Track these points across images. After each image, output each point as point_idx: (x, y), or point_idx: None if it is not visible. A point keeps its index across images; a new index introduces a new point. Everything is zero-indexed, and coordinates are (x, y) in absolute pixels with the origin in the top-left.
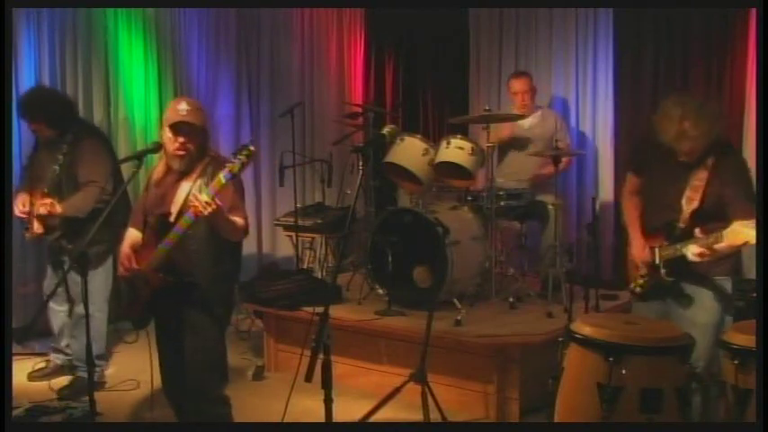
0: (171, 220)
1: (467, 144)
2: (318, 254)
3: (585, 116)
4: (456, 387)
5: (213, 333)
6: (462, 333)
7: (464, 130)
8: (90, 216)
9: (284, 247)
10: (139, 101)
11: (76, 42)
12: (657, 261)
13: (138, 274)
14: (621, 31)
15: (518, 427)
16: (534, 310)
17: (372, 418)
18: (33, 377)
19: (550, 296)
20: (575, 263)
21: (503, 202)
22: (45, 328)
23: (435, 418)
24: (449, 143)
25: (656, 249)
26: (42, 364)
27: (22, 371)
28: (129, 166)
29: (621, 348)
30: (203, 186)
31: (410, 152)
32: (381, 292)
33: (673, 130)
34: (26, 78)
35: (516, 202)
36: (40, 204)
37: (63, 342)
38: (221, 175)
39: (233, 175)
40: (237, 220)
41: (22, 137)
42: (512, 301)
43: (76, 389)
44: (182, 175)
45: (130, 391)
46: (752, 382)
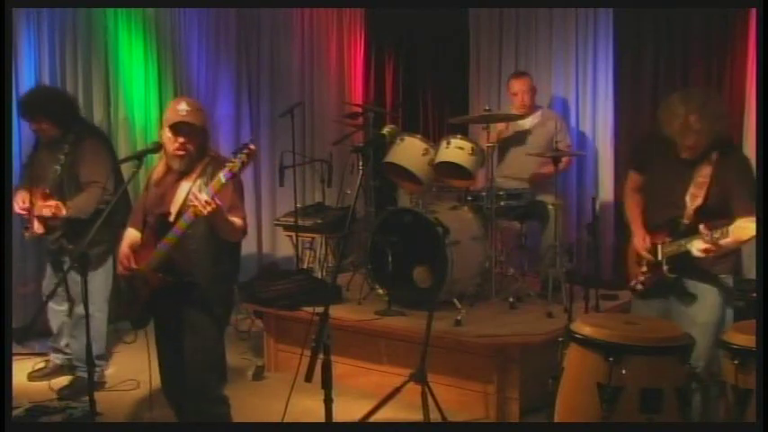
0: (170, 219)
1: (467, 144)
2: (318, 254)
3: (585, 116)
4: (456, 387)
5: (212, 333)
6: (462, 333)
7: (464, 130)
8: (91, 216)
9: (284, 247)
10: (139, 101)
11: (76, 42)
12: (660, 257)
13: (137, 273)
14: (621, 31)
15: (518, 427)
16: (534, 310)
17: (372, 418)
18: (33, 377)
19: (550, 296)
20: (575, 263)
21: (503, 202)
22: (45, 328)
23: (435, 418)
24: (449, 143)
25: (658, 246)
26: (42, 364)
27: (22, 371)
28: (129, 166)
29: (621, 348)
30: (203, 186)
31: (410, 152)
32: (381, 292)
33: (677, 124)
34: (26, 78)
35: (516, 202)
36: (43, 206)
37: (62, 342)
38: (221, 175)
39: (233, 175)
40: (236, 221)
41: (21, 136)
42: (512, 301)
43: (76, 389)
44: (181, 175)
45: (130, 391)
46: (752, 382)
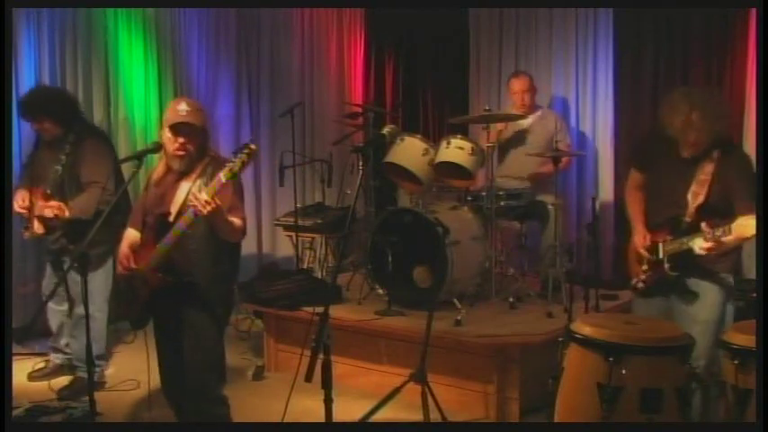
0: (170, 219)
1: (467, 144)
2: (318, 254)
3: (585, 116)
4: (456, 387)
5: (212, 333)
6: (462, 333)
7: (464, 130)
8: (92, 216)
9: (284, 247)
10: (139, 101)
11: (76, 42)
12: (661, 256)
13: (137, 273)
14: (621, 31)
15: (518, 427)
16: (534, 310)
17: (372, 418)
18: (33, 377)
19: (550, 296)
20: (575, 263)
21: (503, 202)
22: (45, 328)
23: (435, 418)
24: (449, 143)
25: (659, 244)
26: (42, 365)
27: (22, 371)
28: (129, 166)
29: (621, 348)
30: (203, 186)
31: (410, 152)
32: (381, 292)
33: (679, 122)
34: (26, 78)
35: (516, 202)
36: (45, 206)
37: (62, 341)
38: (222, 174)
39: (233, 174)
40: (236, 221)
41: (21, 136)
42: (512, 301)
43: (76, 389)
44: (181, 176)
45: (130, 391)
46: (752, 382)
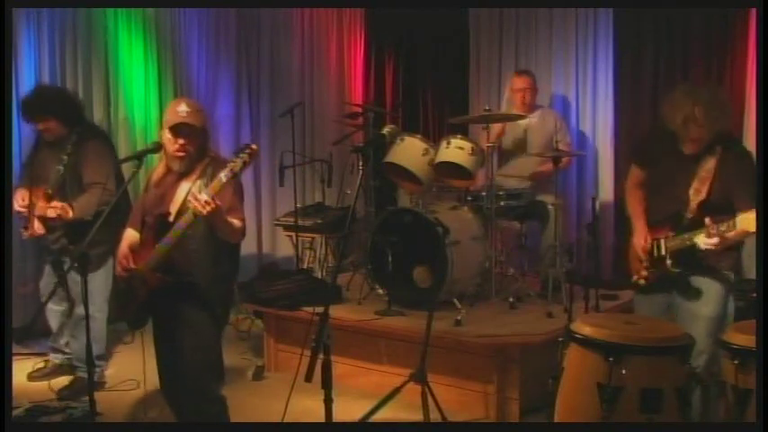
0: (170, 220)
1: (467, 144)
2: (318, 254)
3: (585, 116)
4: (456, 387)
5: (210, 333)
6: (462, 333)
7: (464, 130)
8: (92, 217)
9: (284, 247)
10: (139, 101)
11: (76, 42)
12: (663, 252)
13: (136, 273)
14: (621, 31)
15: (518, 427)
16: (534, 310)
17: (372, 418)
18: (33, 377)
19: (550, 296)
20: (575, 263)
21: (503, 202)
22: (45, 328)
23: (435, 418)
24: (449, 143)
25: (661, 240)
26: (41, 365)
27: (22, 371)
28: (129, 166)
29: (621, 348)
30: (203, 187)
31: (410, 152)
32: (381, 292)
33: (682, 117)
34: (26, 78)
35: (516, 202)
36: (47, 206)
37: (61, 341)
38: (222, 174)
39: (234, 174)
40: (235, 222)
41: (21, 136)
42: (512, 301)
43: (76, 389)
44: (181, 176)
45: (130, 390)
46: (752, 382)
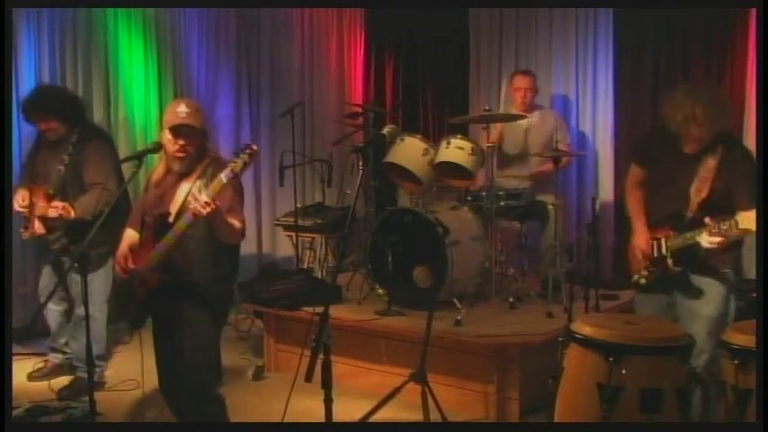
0: (170, 220)
1: (467, 144)
2: (318, 254)
3: (585, 116)
4: (456, 387)
5: (209, 332)
6: (462, 333)
7: (464, 130)
8: (93, 217)
9: (284, 247)
10: (139, 101)
11: (76, 42)
12: (664, 251)
13: (135, 273)
14: (621, 31)
15: (518, 427)
16: (534, 310)
17: (372, 418)
18: (33, 377)
19: (550, 296)
20: (575, 263)
21: (503, 202)
22: (45, 328)
23: (435, 418)
24: (449, 143)
25: (662, 240)
26: (41, 365)
27: (22, 371)
28: (129, 166)
29: (621, 348)
30: (202, 187)
31: (410, 152)
32: (381, 292)
33: (683, 117)
34: (26, 78)
35: (516, 202)
36: (48, 206)
37: (61, 341)
38: (223, 175)
39: (234, 174)
40: (235, 223)
41: (21, 136)
42: (512, 301)
43: (76, 389)
44: (181, 176)
45: (130, 391)
46: (752, 382)
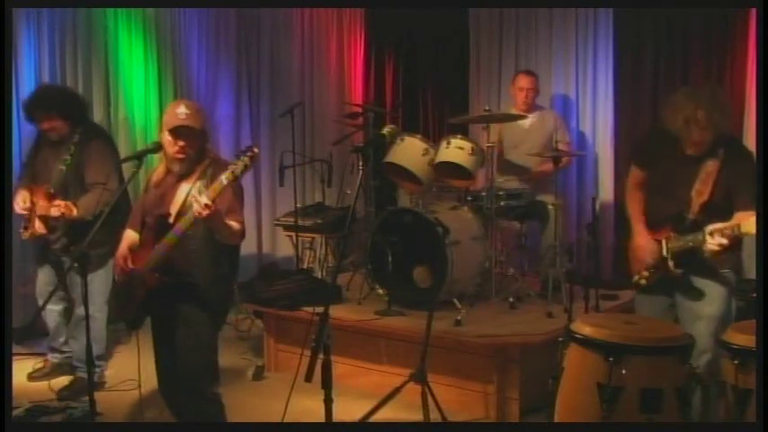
0: (170, 221)
1: (467, 144)
2: (318, 254)
3: (585, 116)
4: (456, 387)
5: (208, 332)
6: (462, 333)
7: (464, 130)
8: (94, 217)
9: (284, 247)
10: (139, 101)
11: (76, 42)
12: (665, 253)
13: (135, 273)
14: (621, 31)
15: (518, 427)
16: (534, 310)
17: (372, 418)
18: (33, 377)
19: (550, 296)
20: (575, 263)
21: (503, 202)
22: (45, 329)
23: (435, 418)
24: (449, 143)
25: (663, 241)
26: (40, 365)
27: (22, 371)
28: (129, 166)
29: (621, 348)
30: (202, 188)
31: (410, 152)
32: (381, 292)
33: (684, 120)
34: (26, 78)
35: (516, 202)
36: (49, 205)
37: (59, 340)
38: (223, 177)
39: (235, 177)
40: (234, 225)
41: (21, 135)
42: (512, 301)
43: (76, 389)
44: (181, 177)
45: (130, 391)
46: (752, 382)
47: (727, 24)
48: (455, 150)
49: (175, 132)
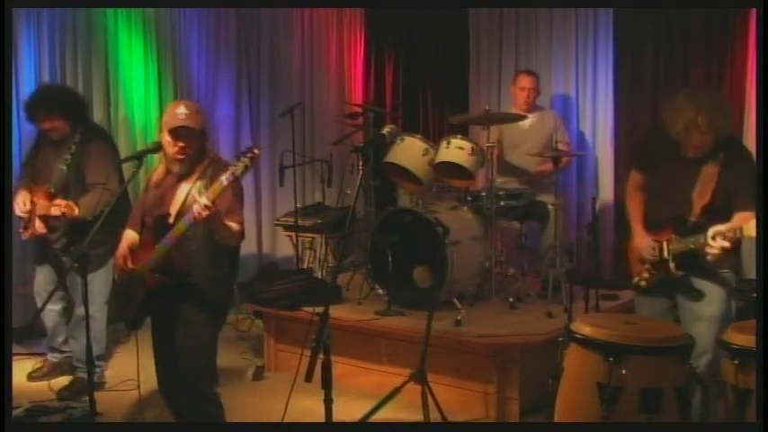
0: (170, 221)
1: (467, 144)
2: (318, 254)
3: (585, 116)
4: (456, 387)
5: (208, 332)
6: (462, 333)
7: (464, 130)
8: (94, 217)
9: (284, 247)
10: (139, 101)
11: (76, 42)
12: (666, 255)
13: (134, 273)
14: (621, 31)
15: (518, 427)
16: (534, 310)
17: (372, 418)
18: (32, 377)
19: (550, 296)
20: (575, 263)
21: (503, 202)
22: (44, 328)
23: (435, 418)
24: (449, 143)
25: (663, 243)
26: (39, 364)
27: (22, 371)
28: (129, 166)
29: (621, 348)
30: (202, 189)
31: (410, 152)
32: (381, 292)
33: (685, 125)
34: (26, 78)
35: (516, 202)
36: (50, 205)
37: (58, 340)
38: (224, 177)
39: (235, 178)
40: (233, 226)
41: (21, 135)
42: (512, 301)
43: (76, 389)
44: (181, 177)
45: (130, 391)
46: (752, 382)
47: (727, 24)
48: (455, 150)
49: (175, 133)
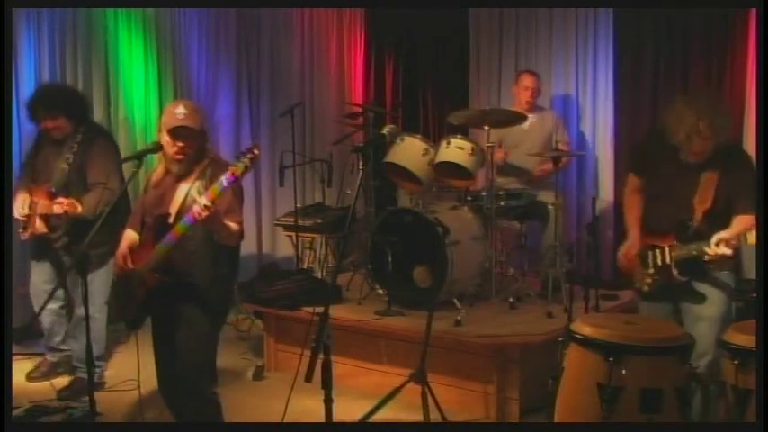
0: (169, 221)
1: (467, 144)
2: (318, 254)
3: (585, 116)
4: (456, 387)
5: (207, 332)
6: (462, 333)
7: (464, 130)
8: (95, 217)
9: (284, 247)
10: (139, 101)
11: (76, 42)
12: (669, 261)
13: (134, 273)
14: (621, 31)
15: (518, 427)
16: (534, 310)
17: (372, 418)
18: (32, 377)
19: (550, 296)
20: (575, 263)
21: (503, 202)
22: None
23: (435, 418)
24: (449, 143)
25: (665, 249)
26: (38, 365)
27: (22, 371)
28: (129, 166)
29: (621, 348)
30: (202, 188)
31: (410, 152)
32: (381, 292)
33: (686, 131)
34: (26, 78)
35: (516, 202)
36: (52, 204)
37: (56, 339)
38: (224, 178)
39: (235, 178)
40: (232, 226)
41: (21, 135)
42: (512, 301)
43: (76, 389)
44: (180, 177)
45: (130, 391)
46: (752, 382)
47: (727, 24)
48: (455, 150)
49: (174, 133)
